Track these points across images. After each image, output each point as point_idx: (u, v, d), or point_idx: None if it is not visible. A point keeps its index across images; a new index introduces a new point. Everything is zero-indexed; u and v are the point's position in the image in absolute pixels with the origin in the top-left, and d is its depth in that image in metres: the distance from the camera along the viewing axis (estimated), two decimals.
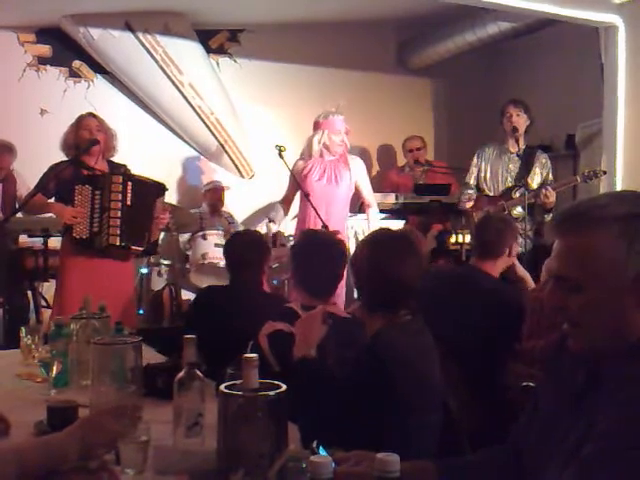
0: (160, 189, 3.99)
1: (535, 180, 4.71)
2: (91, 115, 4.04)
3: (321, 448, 1.31)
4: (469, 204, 4.88)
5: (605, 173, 4.54)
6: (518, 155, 4.77)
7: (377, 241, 2.00)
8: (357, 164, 4.79)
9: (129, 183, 3.81)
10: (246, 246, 3.05)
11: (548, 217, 4.64)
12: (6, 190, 5.16)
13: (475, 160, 4.92)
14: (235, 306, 2.83)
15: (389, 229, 2.15)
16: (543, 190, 4.50)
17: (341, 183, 4.63)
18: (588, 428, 1.13)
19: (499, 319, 2.97)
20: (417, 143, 6.15)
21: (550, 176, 4.79)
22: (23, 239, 4.95)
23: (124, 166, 4.05)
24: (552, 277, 1.25)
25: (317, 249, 2.52)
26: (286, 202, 4.80)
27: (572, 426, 1.18)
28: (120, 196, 3.78)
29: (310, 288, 2.44)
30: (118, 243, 3.79)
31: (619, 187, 4.56)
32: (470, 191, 4.89)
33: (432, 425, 1.89)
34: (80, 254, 3.83)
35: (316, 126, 4.67)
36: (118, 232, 3.77)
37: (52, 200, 3.93)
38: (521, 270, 3.46)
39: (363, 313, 1.98)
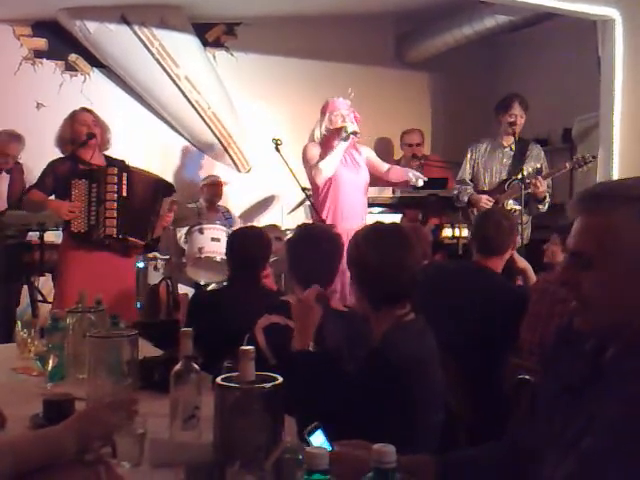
0: (167, 188, 4.01)
1: (529, 172, 4.67)
2: (85, 110, 4.04)
3: (312, 435, 1.31)
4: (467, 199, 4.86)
5: (595, 158, 4.53)
6: (511, 149, 4.76)
7: (379, 234, 1.98)
8: (364, 148, 4.77)
9: (124, 174, 3.81)
10: (250, 242, 3.04)
11: (542, 208, 4.64)
12: (13, 181, 5.12)
13: (469, 156, 4.89)
14: (233, 301, 2.83)
15: (382, 222, 2.13)
16: (533, 180, 4.50)
17: (360, 169, 4.57)
18: (589, 420, 1.13)
19: (501, 316, 2.94)
20: (416, 138, 6.15)
21: (545, 167, 4.77)
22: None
23: (122, 161, 4.04)
24: (568, 254, 1.23)
25: (312, 243, 2.52)
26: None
27: (571, 419, 1.18)
28: (116, 187, 3.78)
29: (305, 282, 2.44)
30: (115, 234, 3.78)
31: None
32: (468, 187, 4.86)
33: (435, 424, 1.89)
34: (80, 248, 3.82)
35: (322, 110, 4.58)
36: (115, 223, 3.77)
37: (52, 196, 3.91)
38: (522, 262, 3.43)
39: (367, 310, 1.97)
